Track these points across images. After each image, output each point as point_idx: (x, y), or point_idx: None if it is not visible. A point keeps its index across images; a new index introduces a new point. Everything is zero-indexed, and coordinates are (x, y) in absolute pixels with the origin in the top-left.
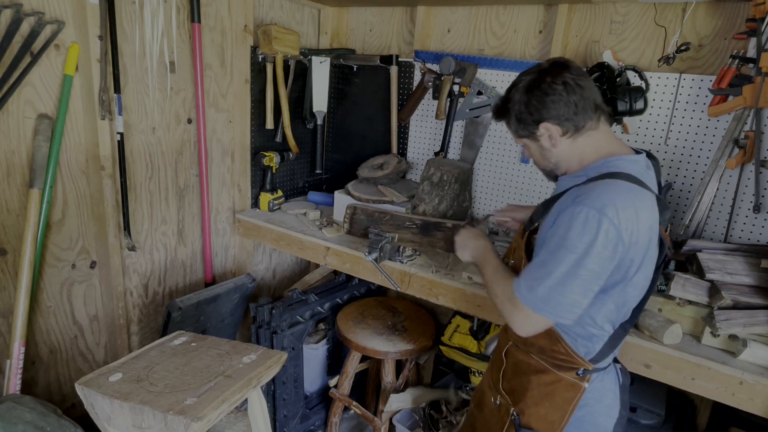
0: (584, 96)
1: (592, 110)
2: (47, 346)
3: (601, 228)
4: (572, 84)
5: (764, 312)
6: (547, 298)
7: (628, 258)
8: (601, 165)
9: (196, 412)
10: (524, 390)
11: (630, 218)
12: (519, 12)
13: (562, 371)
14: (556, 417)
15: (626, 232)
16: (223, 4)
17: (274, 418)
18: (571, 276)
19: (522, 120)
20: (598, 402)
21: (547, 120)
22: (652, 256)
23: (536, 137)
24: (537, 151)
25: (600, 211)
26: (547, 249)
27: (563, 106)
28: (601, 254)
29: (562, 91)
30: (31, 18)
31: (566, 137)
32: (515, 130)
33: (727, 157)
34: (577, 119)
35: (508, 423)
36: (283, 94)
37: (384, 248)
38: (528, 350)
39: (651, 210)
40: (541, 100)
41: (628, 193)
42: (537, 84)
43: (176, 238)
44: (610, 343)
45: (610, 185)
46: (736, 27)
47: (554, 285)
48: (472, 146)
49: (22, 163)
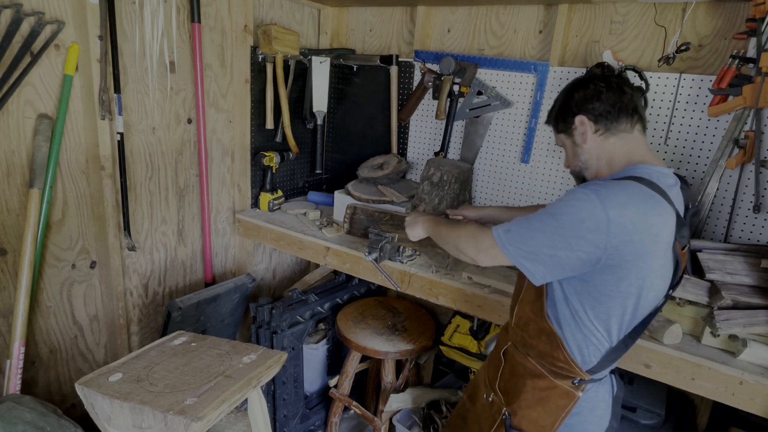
0: (624, 99)
1: (629, 114)
2: (47, 346)
3: (592, 210)
4: (615, 86)
5: (764, 312)
6: (516, 242)
7: (620, 254)
8: (628, 170)
9: (196, 412)
10: (518, 392)
11: (629, 216)
12: (519, 12)
13: (558, 378)
14: (547, 422)
15: (617, 226)
16: (223, 4)
17: (274, 418)
18: (545, 236)
19: (562, 112)
20: (591, 411)
21: (583, 113)
22: (658, 268)
23: (572, 132)
24: (570, 149)
25: (598, 196)
26: (540, 212)
27: (600, 103)
28: (583, 235)
29: (603, 88)
30: (31, 18)
31: (597, 134)
32: (555, 125)
33: (727, 157)
34: (611, 118)
35: (498, 421)
36: (283, 94)
37: (384, 248)
38: (527, 353)
39: (663, 219)
40: (582, 94)
41: (640, 195)
42: (584, 82)
43: (176, 238)
44: (608, 357)
45: (625, 184)
46: (736, 27)
47: (526, 236)
48: (472, 146)
49: (22, 163)
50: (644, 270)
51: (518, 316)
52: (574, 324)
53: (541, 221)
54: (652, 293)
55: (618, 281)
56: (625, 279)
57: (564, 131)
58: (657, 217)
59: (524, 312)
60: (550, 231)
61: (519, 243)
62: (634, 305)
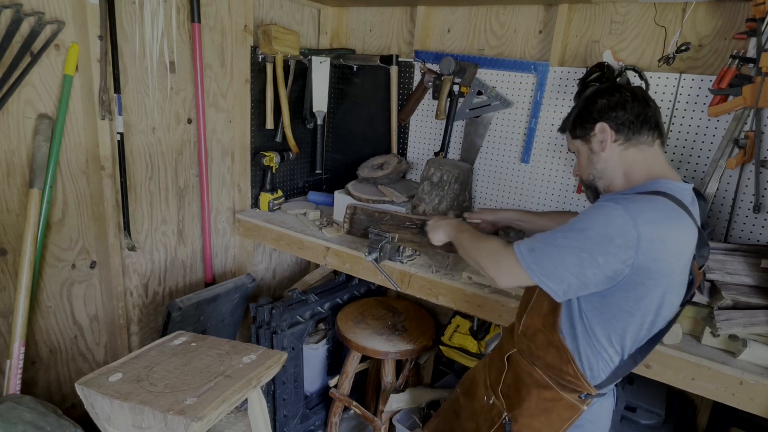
0: (648, 112)
1: (651, 127)
2: (47, 346)
3: (622, 226)
4: (640, 97)
5: (764, 312)
6: (540, 262)
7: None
8: (650, 184)
9: (196, 412)
10: (522, 399)
11: (659, 233)
12: (519, 12)
13: (565, 391)
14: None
15: (647, 243)
16: (223, 4)
17: (274, 418)
18: (572, 255)
19: (582, 118)
20: (593, 424)
21: (605, 120)
22: (677, 285)
23: (589, 138)
24: (585, 156)
25: (629, 212)
26: (564, 228)
27: (624, 112)
28: (612, 253)
29: (629, 98)
30: (31, 18)
31: (617, 144)
32: (572, 130)
33: (727, 157)
34: (634, 129)
35: (498, 425)
36: (283, 94)
37: (384, 248)
38: (533, 362)
39: (687, 236)
40: (606, 101)
41: (670, 211)
42: (609, 90)
43: (176, 238)
44: (617, 372)
45: (653, 199)
46: (736, 27)
47: (552, 255)
48: (472, 146)
49: (22, 163)
50: (665, 287)
51: (526, 326)
52: (586, 339)
53: (567, 238)
54: (667, 310)
55: (639, 299)
56: (646, 297)
57: (581, 137)
58: (682, 235)
59: (533, 322)
60: (577, 248)
61: (544, 263)
62: (651, 322)
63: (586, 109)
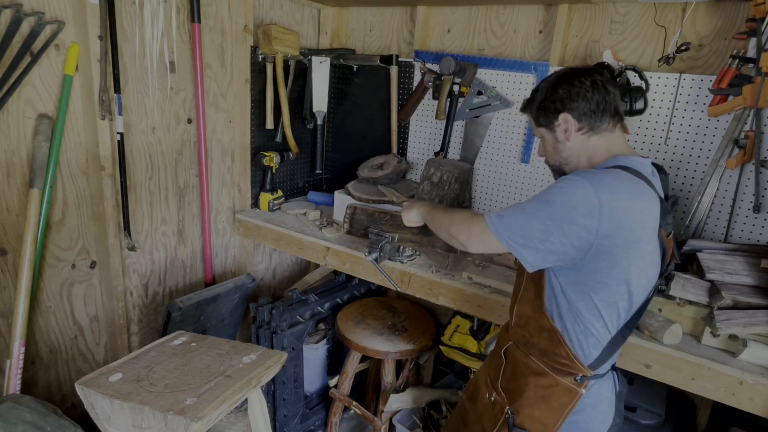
0: (607, 99)
1: (611, 114)
2: (47, 346)
3: (585, 195)
4: (600, 85)
5: (764, 312)
6: (508, 226)
7: (611, 240)
8: (610, 161)
9: (196, 412)
10: (521, 391)
11: (619, 200)
12: (519, 12)
13: (560, 375)
14: (550, 420)
15: (608, 211)
16: (223, 4)
17: (274, 418)
18: (539, 221)
19: (544, 107)
20: (594, 408)
21: (568, 111)
22: (650, 256)
23: (554, 127)
24: (551, 144)
25: (590, 182)
26: (531, 199)
27: (585, 102)
28: (576, 220)
29: (588, 87)
30: (31, 18)
31: (581, 132)
32: (536, 118)
33: (727, 157)
34: (595, 117)
35: (501, 421)
36: (283, 94)
37: (384, 248)
38: (528, 352)
39: (649, 205)
40: (567, 91)
41: (627, 181)
42: (568, 77)
43: (176, 238)
44: (608, 349)
45: (613, 171)
46: (736, 27)
47: (520, 220)
48: (472, 146)
49: (22, 163)
50: (634, 256)
51: (518, 316)
52: (572, 317)
53: (534, 207)
54: (643, 280)
55: (610, 268)
56: (617, 265)
57: (545, 126)
58: (644, 203)
59: (524, 311)
60: (543, 216)
61: (512, 228)
62: (628, 292)
63: (547, 99)
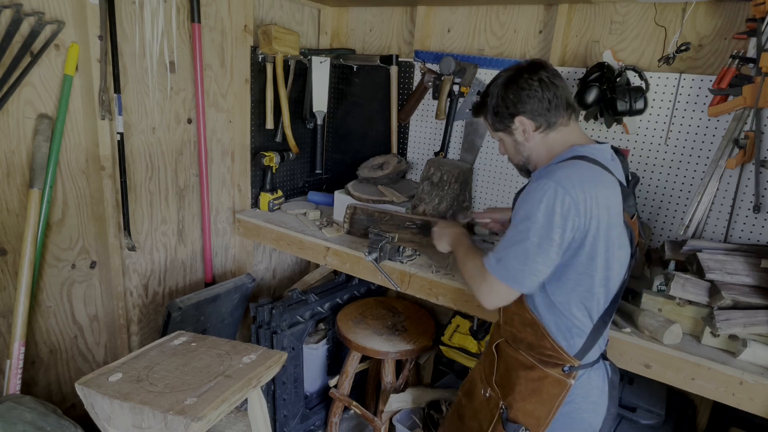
0: (557, 94)
1: (564, 108)
2: (47, 346)
3: (557, 197)
4: (547, 82)
5: (764, 312)
6: (511, 267)
7: (588, 231)
8: (568, 152)
9: (196, 412)
10: (513, 385)
11: (587, 191)
12: (519, 12)
13: (548, 367)
14: (542, 413)
15: (582, 204)
16: (223, 4)
17: (274, 418)
18: (533, 245)
19: (498, 113)
20: (584, 398)
21: (522, 114)
22: (619, 240)
23: (511, 131)
24: (511, 146)
25: (556, 182)
26: (514, 224)
27: (537, 102)
28: (559, 223)
29: (537, 87)
30: (31, 18)
31: (539, 132)
32: (492, 123)
33: (727, 157)
34: (550, 115)
35: (497, 416)
36: (283, 94)
37: (384, 248)
38: (517, 347)
39: (610, 191)
40: (517, 95)
41: (587, 171)
42: (514, 80)
43: (176, 238)
44: (591, 337)
45: (571, 164)
46: (736, 27)
47: (518, 254)
48: (472, 146)
49: (22, 163)
50: (607, 242)
51: (504, 313)
52: (553, 310)
53: (520, 233)
54: (617, 264)
55: (590, 258)
56: (595, 255)
57: (503, 130)
58: (606, 190)
59: (508, 307)
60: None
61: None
62: (605, 278)
63: (500, 105)
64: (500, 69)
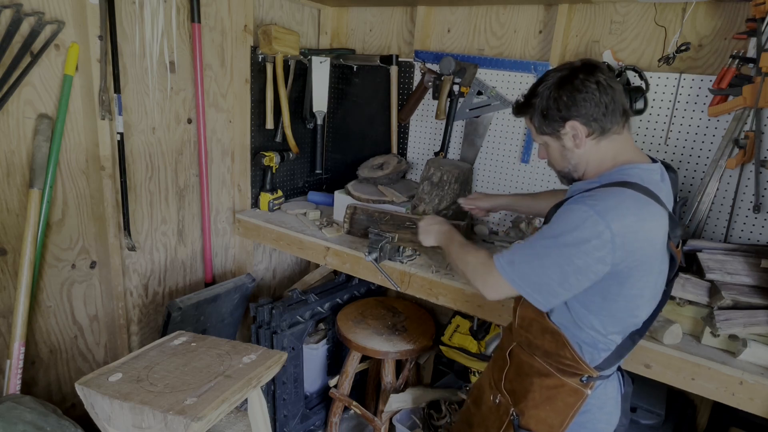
0: (615, 99)
1: (620, 114)
2: (47, 346)
3: (596, 228)
4: (605, 84)
5: (764, 312)
6: (524, 274)
7: (622, 263)
8: (616, 172)
9: (196, 412)
10: (526, 391)
11: (629, 226)
12: (519, 12)
13: (565, 376)
14: (556, 421)
15: (620, 239)
16: (223, 4)
17: (274, 418)
18: (553, 263)
19: (548, 116)
20: (600, 409)
21: (575, 118)
22: (659, 269)
23: (559, 135)
24: (557, 151)
25: (598, 212)
26: (540, 233)
27: (593, 106)
28: (590, 253)
29: (595, 90)
30: (31, 18)
31: (591, 138)
32: (538, 126)
33: (727, 157)
34: (605, 121)
35: (506, 423)
36: (283, 94)
37: (384, 248)
38: (533, 353)
39: (658, 222)
40: (572, 97)
41: (635, 202)
42: (569, 80)
43: (176, 238)
44: (617, 353)
45: (618, 192)
46: (736, 27)
47: (535, 266)
48: (472, 146)
49: (22, 163)
50: (645, 273)
51: (521, 318)
52: (577, 328)
53: (545, 247)
54: (650, 292)
55: (620, 286)
56: (626, 284)
57: (550, 134)
58: (652, 223)
59: (526, 313)
60: (556, 256)
61: (527, 276)
62: (636, 306)
63: (550, 107)
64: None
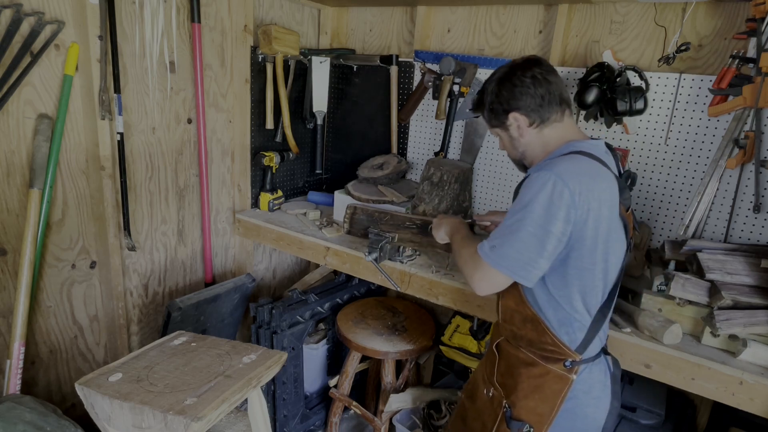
0: (550, 90)
1: (558, 103)
2: (47, 346)
3: (555, 189)
4: (540, 78)
5: (764, 312)
6: (505, 254)
7: (587, 224)
8: (565, 147)
9: (196, 412)
10: (515, 383)
11: (584, 184)
12: (519, 12)
13: (550, 363)
14: (545, 409)
15: (579, 196)
16: (223, 4)
17: (274, 418)
18: (528, 235)
19: (494, 110)
20: (586, 394)
21: (515, 110)
22: (614, 231)
23: (506, 127)
24: (507, 141)
25: (556, 174)
26: (511, 213)
27: (530, 98)
28: (557, 215)
29: (530, 84)
30: (31, 18)
31: (533, 127)
32: (488, 120)
33: (727, 157)
34: (543, 111)
35: (500, 416)
36: (283, 94)
37: (384, 248)
38: (518, 344)
39: (608, 184)
40: (510, 92)
41: (587, 164)
42: (508, 77)
43: (176, 238)
44: (591, 330)
45: (570, 158)
46: (736, 27)
47: (513, 243)
48: (472, 146)
49: (22, 163)
50: (605, 235)
51: (503, 311)
52: (553, 304)
53: (518, 220)
54: (614, 257)
55: (590, 252)
56: (595, 248)
57: (498, 126)
58: (603, 183)
59: (507, 305)
60: (529, 225)
61: (510, 255)
62: (604, 271)
63: (494, 101)
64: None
